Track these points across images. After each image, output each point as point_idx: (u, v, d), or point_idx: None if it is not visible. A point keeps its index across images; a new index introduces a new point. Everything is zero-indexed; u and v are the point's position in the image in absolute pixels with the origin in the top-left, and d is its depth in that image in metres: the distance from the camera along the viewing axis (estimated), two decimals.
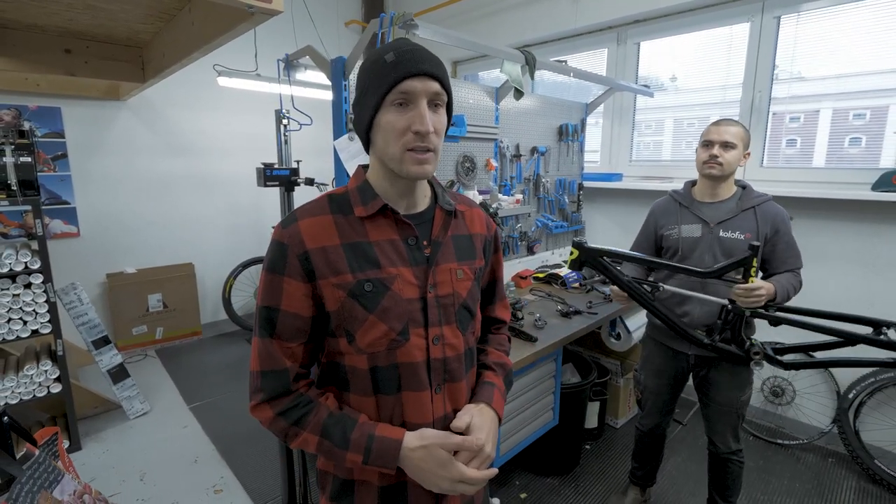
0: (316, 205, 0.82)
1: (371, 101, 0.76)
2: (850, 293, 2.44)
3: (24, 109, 3.21)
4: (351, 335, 0.79)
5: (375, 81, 0.75)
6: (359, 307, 0.77)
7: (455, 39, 1.83)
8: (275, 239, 0.79)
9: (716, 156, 1.64)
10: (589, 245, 1.53)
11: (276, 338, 0.79)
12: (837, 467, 2.40)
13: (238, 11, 1.55)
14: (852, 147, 2.49)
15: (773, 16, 2.59)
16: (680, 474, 2.34)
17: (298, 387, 0.81)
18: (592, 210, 3.41)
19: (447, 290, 0.84)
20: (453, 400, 0.86)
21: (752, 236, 1.63)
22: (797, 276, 1.65)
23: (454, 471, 0.77)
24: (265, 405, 0.79)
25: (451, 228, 0.88)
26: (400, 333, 0.79)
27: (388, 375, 0.80)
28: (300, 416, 0.78)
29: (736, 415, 1.74)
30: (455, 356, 0.85)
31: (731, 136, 1.63)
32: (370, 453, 0.76)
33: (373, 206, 0.80)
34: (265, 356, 0.79)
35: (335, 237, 0.79)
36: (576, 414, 2.29)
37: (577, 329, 2.00)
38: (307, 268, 0.77)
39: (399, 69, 0.73)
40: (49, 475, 1.12)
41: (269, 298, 0.78)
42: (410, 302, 0.80)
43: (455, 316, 0.85)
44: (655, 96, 3.13)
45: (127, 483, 2.27)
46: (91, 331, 2.75)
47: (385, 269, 0.79)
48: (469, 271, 0.88)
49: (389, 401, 0.81)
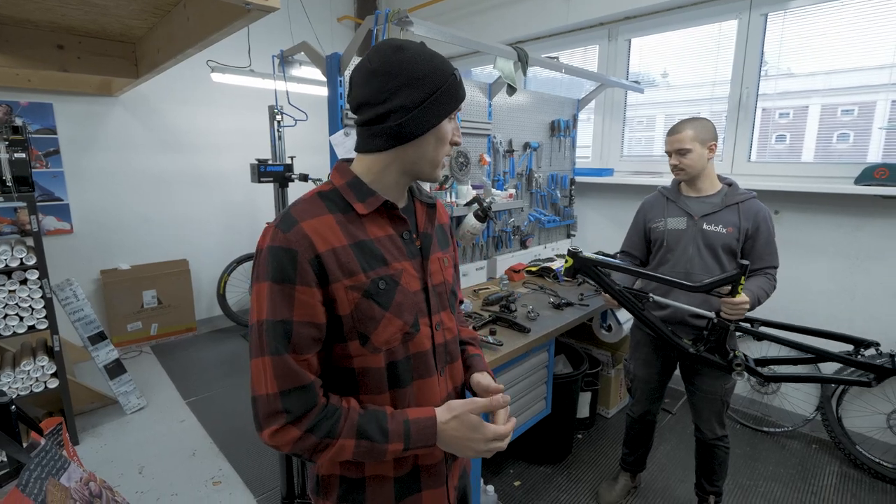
0: (312, 204, 0.78)
1: (442, 110, 0.80)
2: (832, 284, 2.51)
3: (16, 105, 3.19)
4: (365, 336, 0.78)
5: (448, 94, 0.80)
6: (375, 306, 0.77)
7: (449, 36, 1.85)
8: (277, 245, 0.73)
9: (676, 164, 1.75)
10: (583, 255, 1.62)
11: (292, 352, 0.73)
12: (821, 453, 2.48)
13: (234, 8, 1.57)
14: (841, 142, 2.55)
15: (760, 13, 2.64)
16: (669, 461, 2.40)
17: (321, 397, 0.77)
18: (584, 205, 3.46)
19: (440, 279, 0.89)
20: (453, 379, 0.93)
21: (734, 230, 1.69)
22: (770, 280, 1.70)
23: (487, 431, 0.81)
24: (290, 427, 0.72)
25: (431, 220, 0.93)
26: (412, 326, 0.82)
27: (404, 368, 0.83)
28: (331, 426, 0.74)
29: (721, 402, 1.80)
30: (452, 338, 0.92)
31: (680, 142, 1.72)
32: (409, 438, 0.77)
33: (372, 202, 0.80)
34: (284, 374, 0.73)
35: (342, 237, 0.77)
36: (568, 404, 2.34)
37: (569, 320, 2.05)
38: (320, 272, 0.74)
39: (462, 89, 0.83)
40: (56, 463, 1.14)
41: (278, 311, 0.73)
42: (416, 294, 0.83)
43: (448, 301, 0.91)
44: (646, 92, 3.18)
45: (126, 476, 2.29)
46: (87, 326, 2.76)
47: (392, 265, 0.80)
48: (450, 258, 0.95)
49: (404, 393, 0.83)
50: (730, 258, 1.72)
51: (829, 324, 2.53)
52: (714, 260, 1.73)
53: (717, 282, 1.50)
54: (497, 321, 1.98)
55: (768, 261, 1.71)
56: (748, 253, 1.72)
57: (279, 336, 0.73)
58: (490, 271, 2.73)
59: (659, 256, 1.85)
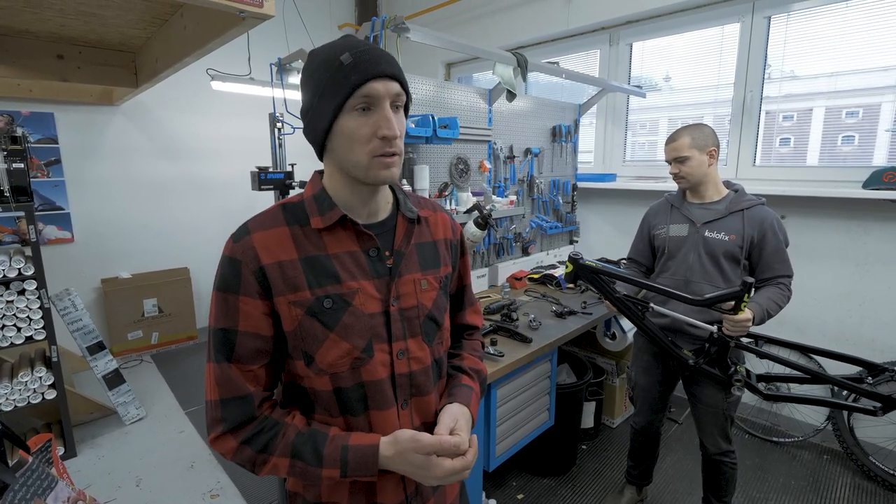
0: (269, 216, 0.77)
1: (329, 106, 0.70)
2: (839, 289, 2.46)
3: (17, 115, 3.20)
4: (310, 357, 0.74)
5: (332, 85, 0.70)
6: (318, 325, 0.73)
7: (447, 42, 1.83)
8: (226, 254, 0.73)
9: (675, 172, 1.72)
10: (583, 261, 1.58)
11: (236, 361, 0.73)
12: (832, 464, 2.41)
13: (230, 16, 1.56)
14: (845, 145, 2.51)
15: (763, 16, 2.61)
16: (676, 473, 2.34)
17: (262, 411, 0.75)
18: (586, 210, 3.43)
19: (411, 302, 0.80)
20: (421, 414, 0.83)
21: (736, 238, 1.64)
22: (783, 290, 1.62)
23: (436, 470, 0.73)
24: (227, 436, 0.73)
25: (415, 236, 0.84)
26: (363, 351, 0.75)
27: (353, 395, 0.76)
28: (267, 440, 0.73)
29: (723, 416, 1.73)
30: (421, 370, 0.81)
31: (678, 150, 1.69)
32: (347, 465, 0.72)
33: (330, 216, 0.75)
34: (224, 382, 0.73)
35: (292, 251, 0.74)
36: (572, 414, 2.29)
37: (572, 329, 2.01)
38: (263, 284, 0.72)
39: (360, 71, 0.68)
40: (42, 482, 1.11)
41: (224, 319, 0.73)
42: (373, 317, 0.76)
43: (420, 328, 0.81)
44: (649, 96, 3.15)
45: (123, 489, 2.26)
46: (86, 336, 2.74)
47: (345, 283, 0.75)
48: (434, 281, 0.84)
49: (357, 421, 0.77)
50: (733, 266, 1.67)
51: (836, 330, 2.48)
52: (715, 268, 1.68)
53: (720, 297, 1.45)
54: (498, 331, 1.94)
55: (779, 270, 1.64)
56: (756, 262, 1.66)
57: (223, 344, 0.73)
58: (491, 279, 2.70)
59: (661, 264, 1.81)
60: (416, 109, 2.19)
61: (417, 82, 2.22)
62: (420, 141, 2.03)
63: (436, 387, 0.86)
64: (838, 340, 2.47)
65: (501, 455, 1.85)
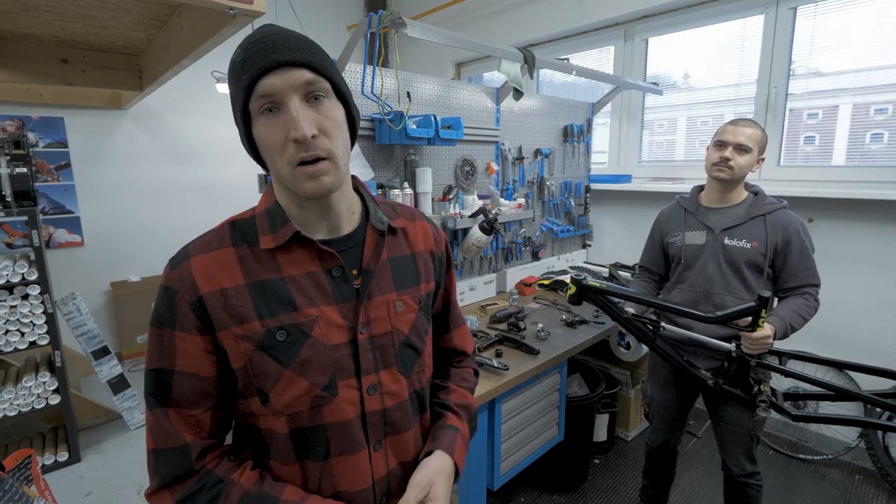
0: (213, 236, 0.68)
1: (237, 116, 0.62)
2: (872, 299, 2.29)
3: (28, 120, 3.22)
4: (265, 394, 0.65)
5: (234, 91, 0.61)
6: (271, 361, 0.63)
7: (449, 38, 1.75)
8: (161, 283, 0.65)
9: (727, 158, 1.51)
10: (586, 283, 1.48)
11: (174, 406, 0.64)
12: (865, 485, 2.25)
13: (221, 14, 1.50)
14: (874, 143, 2.36)
15: (788, 7, 2.46)
16: (694, 491, 2.21)
17: (204, 464, 0.65)
18: (600, 213, 3.30)
19: (384, 328, 0.70)
20: (398, 454, 0.73)
21: (760, 245, 1.51)
22: (809, 301, 1.49)
23: None
24: (163, 492, 0.63)
25: (389, 250, 0.73)
26: (325, 388, 0.65)
27: (313, 439, 0.66)
28: (207, 501, 0.63)
29: (749, 436, 1.61)
30: (397, 405, 0.72)
31: (746, 138, 1.51)
32: None
33: (283, 233, 0.66)
34: (158, 431, 0.64)
35: (238, 275, 0.64)
36: (584, 427, 2.18)
37: (582, 340, 1.91)
38: (202, 317, 0.63)
39: (249, 68, 0.58)
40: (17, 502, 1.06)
41: (158, 359, 0.64)
42: (337, 348, 0.66)
43: (396, 357, 0.71)
44: (666, 94, 3.02)
45: (123, 497, 2.23)
46: (90, 341, 2.73)
47: (302, 310, 0.65)
48: (412, 301, 0.74)
49: (317, 467, 0.67)
50: (756, 276, 1.53)
51: (869, 343, 2.32)
52: (738, 278, 1.54)
53: (734, 314, 1.33)
54: (504, 341, 1.85)
55: (804, 278, 1.50)
56: (780, 270, 1.53)
57: (158, 387, 0.64)
58: (500, 285, 2.60)
59: (677, 274, 1.68)
60: (420, 109, 2.11)
61: (421, 81, 2.14)
62: (422, 142, 1.95)
63: (416, 421, 0.76)
64: (871, 353, 2.31)
65: (507, 473, 1.76)
